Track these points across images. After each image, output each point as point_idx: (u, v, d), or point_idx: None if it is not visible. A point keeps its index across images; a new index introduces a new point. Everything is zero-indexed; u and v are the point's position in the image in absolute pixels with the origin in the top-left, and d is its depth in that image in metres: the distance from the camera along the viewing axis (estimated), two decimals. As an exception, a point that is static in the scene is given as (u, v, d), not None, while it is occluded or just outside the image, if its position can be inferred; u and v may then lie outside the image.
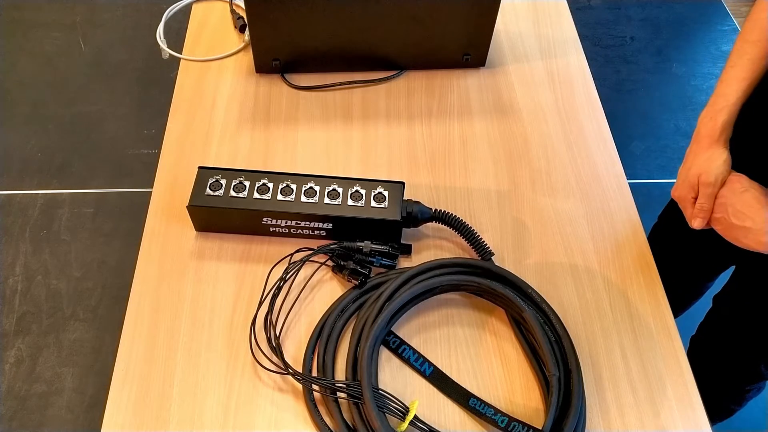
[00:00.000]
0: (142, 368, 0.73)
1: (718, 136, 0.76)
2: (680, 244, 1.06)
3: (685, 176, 0.78)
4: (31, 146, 1.90)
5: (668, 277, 0.85)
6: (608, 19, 2.34)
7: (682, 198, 0.79)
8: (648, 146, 1.98)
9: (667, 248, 0.91)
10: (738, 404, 1.18)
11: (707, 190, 0.75)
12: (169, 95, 0.99)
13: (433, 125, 0.97)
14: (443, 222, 0.82)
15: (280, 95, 1.00)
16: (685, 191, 0.78)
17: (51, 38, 2.16)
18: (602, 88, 1.04)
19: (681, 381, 0.75)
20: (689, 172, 0.77)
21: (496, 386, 0.74)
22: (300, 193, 0.80)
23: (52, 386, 1.49)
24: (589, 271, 0.83)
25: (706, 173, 0.75)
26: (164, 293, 0.79)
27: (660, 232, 1.12)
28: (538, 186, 0.91)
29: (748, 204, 0.72)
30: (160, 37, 1.10)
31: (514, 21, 1.13)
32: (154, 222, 0.85)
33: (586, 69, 1.06)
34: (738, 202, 0.73)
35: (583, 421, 0.69)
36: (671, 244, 1.06)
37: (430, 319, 0.78)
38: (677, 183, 0.80)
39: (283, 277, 0.79)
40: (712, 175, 0.75)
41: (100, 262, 1.68)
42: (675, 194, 0.80)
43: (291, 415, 0.70)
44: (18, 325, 1.57)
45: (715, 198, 0.75)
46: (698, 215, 0.77)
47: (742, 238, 0.73)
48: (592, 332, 0.78)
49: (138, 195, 1.81)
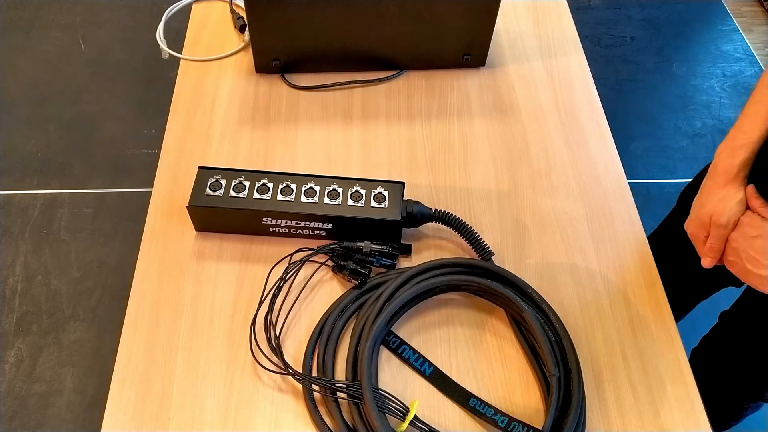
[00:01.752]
0: (142, 368, 0.73)
1: (735, 174, 0.74)
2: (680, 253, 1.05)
3: (698, 213, 0.76)
4: (31, 146, 1.90)
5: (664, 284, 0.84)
6: (608, 19, 2.34)
7: (694, 236, 0.78)
8: (648, 146, 1.98)
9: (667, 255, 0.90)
10: (736, 420, 1.18)
11: (718, 232, 0.74)
12: (169, 95, 0.99)
13: (433, 125, 0.97)
14: (443, 222, 0.82)
15: (280, 95, 1.00)
16: (698, 229, 0.77)
17: (51, 38, 2.16)
18: (602, 88, 1.04)
19: (681, 381, 0.75)
20: (702, 210, 0.75)
21: (496, 386, 0.74)
22: (300, 193, 0.80)
23: (52, 386, 1.49)
24: (589, 271, 0.83)
25: (719, 214, 0.73)
26: (164, 293, 0.79)
27: (660, 238, 1.12)
28: (538, 186, 0.91)
29: (761, 250, 0.70)
30: (160, 37, 1.10)
31: (514, 21, 1.13)
32: (154, 222, 0.85)
33: (586, 69, 1.06)
34: (750, 248, 0.71)
35: (583, 421, 0.69)
36: (670, 251, 1.06)
37: (430, 319, 0.78)
38: (690, 218, 0.78)
39: (283, 277, 0.79)
40: (725, 216, 0.73)
41: (100, 262, 1.68)
42: (688, 230, 0.79)
43: (291, 415, 0.70)
44: (18, 325, 1.57)
45: (726, 239, 0.74)
46: (708, 255, 0.75)
47: (758, 284, 0.72)
48: (592, 332, 0.78)
49: (138, 195, 1.81)
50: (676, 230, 1.08)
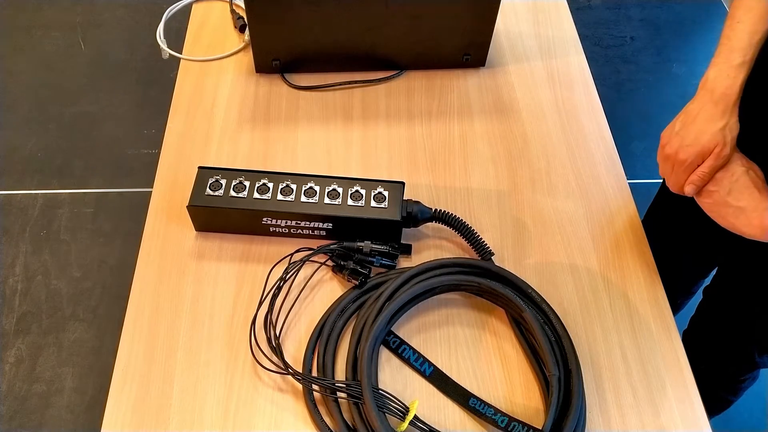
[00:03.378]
0: (142, 368, 0.73)
1: (735, 100, 0.70)
2: (666, 242, 1.05)
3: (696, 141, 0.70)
4: (31, 146, 1.90)
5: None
6: (608, 19, 2.34)
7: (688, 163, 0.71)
8: (648, 146, 1.98)
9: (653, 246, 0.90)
10: (734, 394, 1.18)
11: (717, 163, 0.70)
12: (169, 95, 0.99)
13: (433, 125, 0.97)
14: (443, 222, 0.82)
15: (280, 95, 1.00)
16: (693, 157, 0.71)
17: (51, 38, 2.16)
18: (602, 88, 1.04)
19: (681, 381, 0.75)
20: (702, 137, 0.70)
21: (496, 386, 0.74)
22: (300, 193, 0.80)
23: (52, 386, 1.49)
24: (589, 271, 0.83)
25: (723, 145, 0.69)
26: (164, 293, 0.79)
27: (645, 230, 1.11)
28: (538, 186, 0.91)
29: (747, 184, 0.69)
30: (160, 37, 1.10)
31: (514, 21, 1.13)
32: (154, 222, 0.85)
33: (586, 69, 1.06)
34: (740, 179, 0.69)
35: (583, 421, 0.69)
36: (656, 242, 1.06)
37: (430, 319, 0.78)
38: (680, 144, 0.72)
39: (283, 277, 0.79)
40: (728, 148, 0.69)
41: (100, 262, 1.68)
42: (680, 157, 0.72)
43: (291, 415, 0.70)
44: (18, 325, 1.57)
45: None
46: (696, 182, 0.71)
47: (733, 218, 0.70)
48: (592, 332, 0.78)
49: (138, 195, 1.81)
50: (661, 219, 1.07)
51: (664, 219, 1.04)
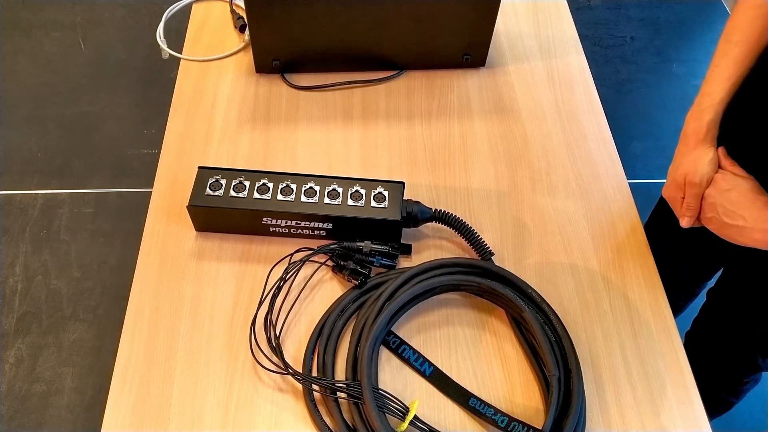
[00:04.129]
0: (142, 368, 0.73)
1: (704, 135, 0.77)
2: (669, 245, 1.05)
3: (673, 176, 0.80)
4: (31, 146, 1.90)
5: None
6: (608, 19, 2.34)
7: (671, 198, 0.82)
8: (648, 146, 1.98)
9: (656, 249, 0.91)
10: (736, 396, 1.18)
11: (693, 190, 0.78)
12: (169, 95, 0.99)
13: (433, 125, 0.97)
14: (443, 222, 0.82)
15: (280, 95, 1.00)
16: (674, 191, 0.81)
17: (51, 38, 2.16)
18: (602, 88, 1.04)
19: (681, 381, 0.75)
20: (676, 172, 0.80)
21: (496, 386, 0.74)
22: (300, 193, 0.80)
23: (52, 386, 1.49)
24: (589, 271, 0.83)
25: (692, 173, 0.77)
26: (164, 293, 0.79)
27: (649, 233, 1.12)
28: (538, 186, 0.91)
29: (736, 202, 0.74)
30: (160, 37, 1.10)
31: (514, 21, 1.13)
32: (154, 222, 0.85)
33: (586, 69, 1.06)
34: (726, 201, 0.75)
35: (583, 421, 0.69)
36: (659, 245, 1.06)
37: (430, 319, 0.78)
38: (667, 183, 0.82)
39: (283, 277, 0.79)
40: (698, 175, 0.77)
41: (100, 262, 1.68)
42: (665, 194, 0.84)
43: (291, 415, 0.70)
44: (18, 325, 1.57)
45: (701, 198, 0.77)
46: (686, 214, 0.79)
47: (737, 236, 0.74)
48: (592, 332, 0.78)
49: (138, 195, 1.81)
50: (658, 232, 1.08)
51: (667, 222, 1.04)
